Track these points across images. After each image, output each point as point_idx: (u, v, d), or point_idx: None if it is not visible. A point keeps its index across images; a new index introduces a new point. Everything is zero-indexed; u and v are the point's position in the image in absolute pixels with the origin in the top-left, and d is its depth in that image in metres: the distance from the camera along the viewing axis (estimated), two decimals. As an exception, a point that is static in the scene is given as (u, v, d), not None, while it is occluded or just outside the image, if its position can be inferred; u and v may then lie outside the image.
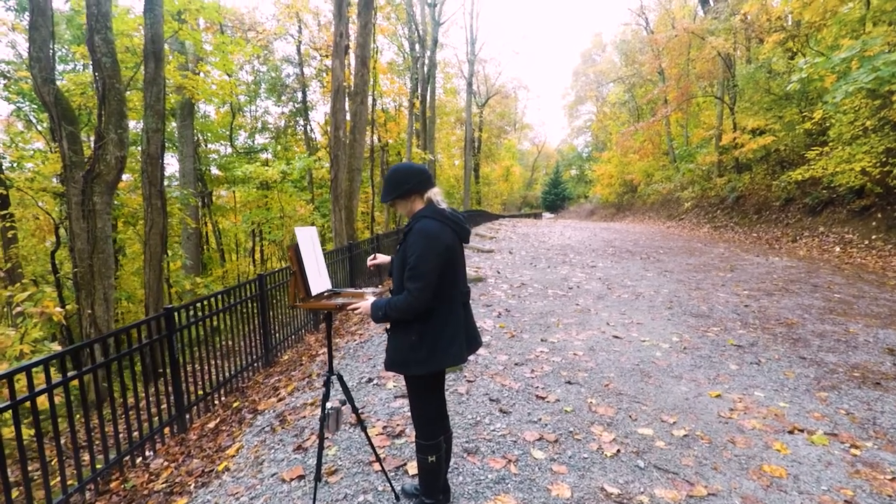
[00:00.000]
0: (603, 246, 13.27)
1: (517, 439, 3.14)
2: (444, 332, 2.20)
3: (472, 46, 31.20)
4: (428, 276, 2.10)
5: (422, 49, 24.41)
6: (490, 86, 42.95)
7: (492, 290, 7.50)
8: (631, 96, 35.83)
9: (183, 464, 4.02)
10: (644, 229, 20.55)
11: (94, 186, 7.69)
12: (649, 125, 26.30)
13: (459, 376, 4.14)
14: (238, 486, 3.01)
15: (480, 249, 12.22)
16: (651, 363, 4.45)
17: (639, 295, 7.23)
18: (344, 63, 14.00)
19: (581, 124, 53.52)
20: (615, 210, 36.75)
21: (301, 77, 24.79)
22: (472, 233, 17.73)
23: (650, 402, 3.67)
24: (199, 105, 21.84)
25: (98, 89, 7.63)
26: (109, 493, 3.79)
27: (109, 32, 7.69)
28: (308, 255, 2.41)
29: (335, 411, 2.47)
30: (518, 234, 17.13)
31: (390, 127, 27.29)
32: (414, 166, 2.29)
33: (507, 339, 5.16)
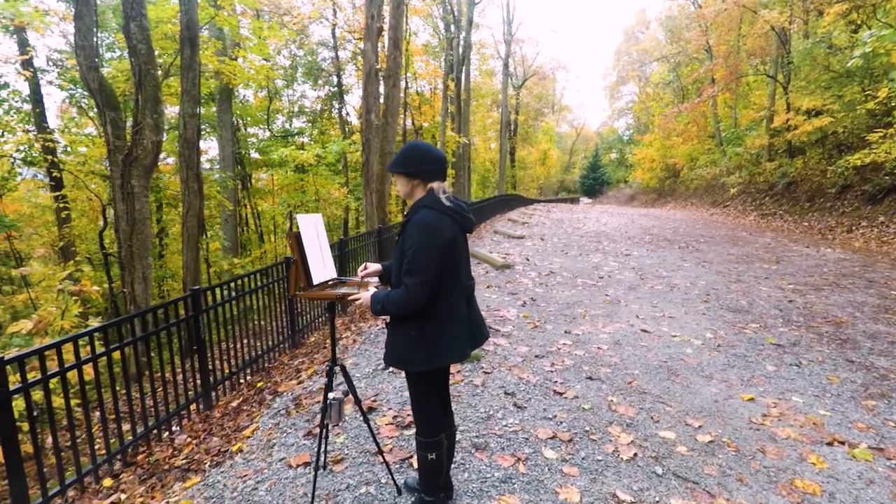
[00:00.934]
0: (640, 233, 12.83)
1: (529, 436, 3.02)
2: (444, 329, 2.09)
3: (508, 26, 30.49)
4: (426, 270, 1.99)
5: (457, 30, 23.99)
6: (527, 67, 42.01)
7: (519, 278, 7.34)
8: (675, 76, 34.34)
9: (203, 441, 4.10)
10: (685, 216, 19.78)
11: (132, 170, 7.91)
12: (694, 106, 25.14)
13: (476, 367, 4.05)
14: (247, 468, 3.03)
15: (511, 235, 12.01)
16: (680, 361, 4.24)
17: (673, 286, 6.93)
18: (376, 45, 13.88)
19: (622, 106, 51.81)
20: (656, 196, 35.56)
21: (336, 60, 24.83)
22: (505, 217, 17.48)
23: (675, 402, 3.48)
24: (239, 90, 22.23)
25: (135, 75, 7.79)
26: (135, 465, 3.91)
27: (144, 20, 7.81)
28: (311, 243, 2.34)
29: (337, 402, 2.42)
30: (552, 219, 16.78)
31: (425, 110, 27.14)
32: (432, 151, 2.14)
33: (529, 330, 5.02)
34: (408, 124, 26.13)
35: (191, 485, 3.10)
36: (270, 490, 2.68)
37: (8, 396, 3.11)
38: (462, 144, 24.69)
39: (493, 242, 11.37)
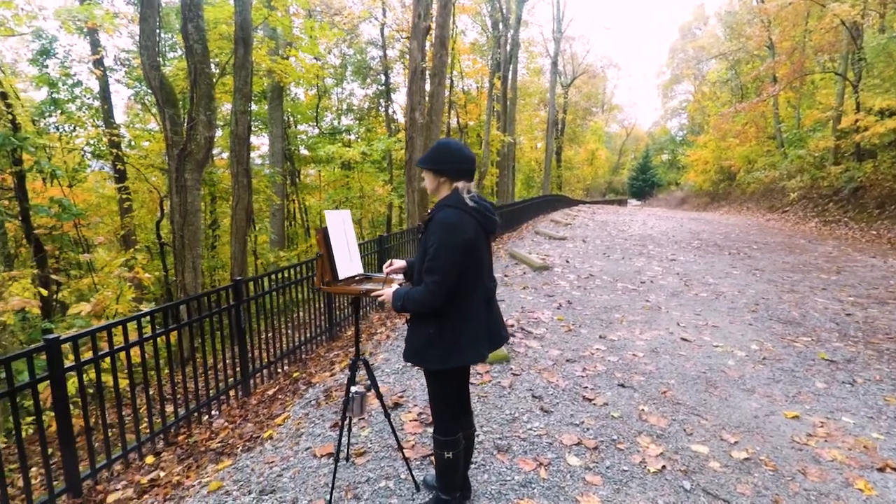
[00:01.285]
0: (688, 238, 12.37)
1: (553, 441, 2.97)
2: (463, 329, 2.08)
3: (558, 23, 30.00)
4: (446, 269, 1.99)
5: (504, 28, 23.81)
6: (577, 65, 41.22)
7: (556, 280, 7.22)
8: (734, 74, 32.82)
9: (239, 426, 4.25)
10: (739, 221, 18.91)
11: (185, 164, 8.28)
12: (753, 106, 23.96)
13: (505, 368, 4.01)
14: (275, 455, 3.12)
15: (552, 236, 11.83)
16: (720, 372, 4.05)
17: (720, 294, 6.64)
18: (422, 44, 13.96)
19: (676, 105, 50.02)
20: (709, 199, 34.16)
21: (384, 59, 25.16)
22: (548, 218, 17.24)
23: (711, 416, 3.33)
24: (290, 88, 22.90)
25: (190, 74, 8.14)
26: (175, 445, 4.10)
27: (201, 21, 8.15)
28: (338, 239, 2.38)
29: (359, 396, 2.45)
30: (596, 221, 16.42)
31: (470, 109, 27.08)
32: (462, 150, 2.14)
33: (562, 333, 4.93)
34: (453, 123, 26.16)
35: (222, 467, 3.22)
36: (294, 478, 2.74)
37: (62, 374, 3.32)
38: (507, 143, 24.52)
39: (534, 243, 11.24)
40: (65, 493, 3.32)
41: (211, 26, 13.81)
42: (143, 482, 3.49)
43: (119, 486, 3.52)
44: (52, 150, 14.03)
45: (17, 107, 11.10)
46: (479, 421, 3.21)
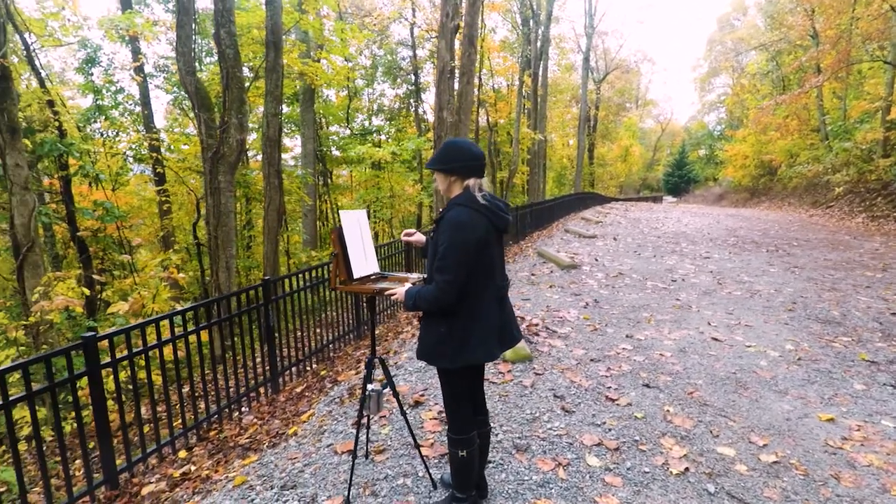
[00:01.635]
0: (724, 235, 11.99)
1: (574, 441, 2.93)
2: (473, 328, 2.08)
3: (590, 18, 29.50)
4: (456, 268, 1.99)
5: (535, 24, 23.58)
6: (609, 60, 40.46)
7: (584, 279, 7.12)
8: (775, 65, 31.60)
9: (266, 423, 4.36)
10: (779, 217, 18.21)
11: (218, 167, 8.52)
12: (795, 98, 22.98)
13: (528, 367, 3.98)
14: (298, 451, 3.19)
15: (582, 234, 11.66)
16: (751, 373, 3.92)
17: (755, 293, 6.41)
18: (451, 44, 13.97)
19: (714, 99, 48.52)
20: (748, 195, 33.01)
21: (414, 59, 25.30)
22: (579, 216, 17.00)
23: (740, 417, 3.23)
24: (322, 90, 23.28)
25: (223, 78, 8.37)
26: (207, 441, 4.23)
27: (232, 26, 8.38)
28: (353, 239, 2.41)
29: (376, 394, 2.48)
30: (628, 218, 16.10)
31: (500, 107, 26.94)
32: (470, 148, 2.15)
33: (588, 333, 4.86)
34: (482, 121, 26.10)
35: (248, 462, 3.31)
36: (315, 474, 2.80)
37: (99, 370, 3.47)
38: (537, 141, 24.27)
39: (563, 241, 11.11)
40: (103, 484, 3.47)
41: (244, 31, 14.17)
42: (175, 475, 3.62)
43: (153, 479, 3.66)
44: (96, 154, 14.69)
45: (64, 114, 11.65)
46: (498, 420, 3.20)
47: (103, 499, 3.48)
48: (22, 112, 10.58)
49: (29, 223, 7.61)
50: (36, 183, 11.35)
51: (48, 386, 3.17)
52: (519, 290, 6.72)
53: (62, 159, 10.91)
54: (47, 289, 6.67)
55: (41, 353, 3.23)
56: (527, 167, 26.60)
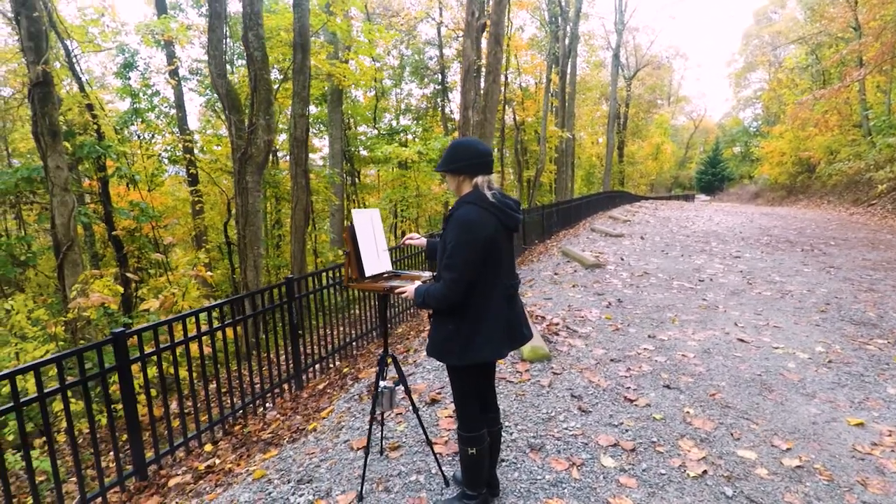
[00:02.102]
0: (757, 234, 11.63)
1: (589, 442, 2.90)
2: (481, 327, 2.09)
3: (620, 14, 29.00)
4: (464, 266, 2.00)
5: (563, 21, 23.31)
6: (640, 56, 39.69)
7: (608, 278, 7.02)
8: (815, 59, 30.45)
9: (289, 418, 4.46)
10: (817, 216, 17.56)
11: (246, 167, 8.72)
12: (835, 92, 22.11)
13: (546, 367, 3.96)
14: (316, 447, 3.25)
15: (608, 233, 11.49)
16: (778, 375, 3.80)
17: (786, 293, 6.20)
18: (477, 42, 13.95)
19: (749, 95, 47.03)
20: (785, 193, 31.91)
21: (441, 58, 25.35)
22: (606, 215, 16.75)
23: (763, 420, 3.14)
24: (351, 90, 23.57)
25: (251, 80, 8.56)
26: (232, 435, 4.35)
27: (260, 29, 8.56)
28: (365, 237, 2.45)
29: (389, 391, 2.51)
30: (658, 217, 15.78)
31: (528, 105, 26.74)
32: (476, 146, 2.16)
33: (609, 332, 4.79)
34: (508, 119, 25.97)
35: (269, 457, 3.40)
36: (330, 469, 2.85)
37: (128, 365, 3.60)
38: (565, 139, 24.02)
39: (588, 240, 10.97)
40: (133, 475, 3.61)
41: (273, 34, 14.46)
42: (200, 468, 3.74)
43: (180, 471, 3.78)
44: (133, 156, 15.23)
45: (102, 117, 12.10)
46: (513, 419, 3.19)
47: (133, 489, 3.62)
48: (63, 116, 11.03)
49: (69, 223, 7.93)
50: (76, 184, 11.84)
51: (80, 380, 3.30)
52: (541, 289, 6.67)
53: (100, 161, 11.34)
54: (84, 286, 6.94)
55: (73, 348, 3.37)
56: (554, 166, 26.34)
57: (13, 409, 2.80)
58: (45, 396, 3.03)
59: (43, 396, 3.01)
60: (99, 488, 3.35)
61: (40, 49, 7.53)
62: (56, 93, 8.26)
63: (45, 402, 3.06)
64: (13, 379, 2.82)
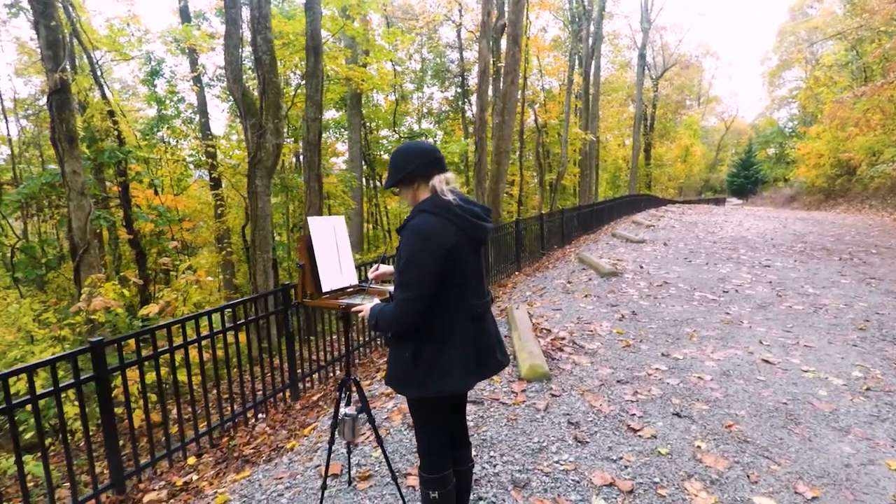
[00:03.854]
0: (790, 240, 10.98)
1: (581, 479, 2.58)
2: (443, 353, 1.80)
3: (646, 13, 28.28)
4: (418, 284, 1.72)
5: (586, 21, 22.80)
6: (668, 56, 38.68)
7: (624, 288, 6.61)
8: (855, 55, 29.09)
9: (276, 432, 4.24)
10: (857, 221, 16.62)
11: (256, 171, 8.63)
12: (877, 89, 20.93)
13: (544, 388, 3.63)
14: (287, 470, 3.01)
15: (629, 239, 11.02)
16: (806, 404, 3.39)
17: (820, 307, 5.71)
18: (491, 43, 13.64)
19: (784, 94, 45.30)
20: (823, 197, 30.53)
21: (461, 61, 25.14)
22: (630, 219, 16.19)
23: (786, 459, 2.75)
24: (372, 94, 23.56)
25: (259, 84, 8.47)
26: (217, 448, 4.16)
27: (269, 32, 8.46)
28: (324, 248, 2.19)
29: (351, 419, 2.25)
30: (684, 222, 15.15)
31: (550, 107, 26.28)
32: (418, 146, 1.90)
33: (619, 349, 4.43)
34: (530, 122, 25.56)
35: (240, 478, 3.17)
36: (292, 499, 2.60)
37: (106, 374, 3.44)
38: (588, 142, 23.46)
39: (608, 247, 10.52)
40: (109, 489, 3.45)
41: (291, 39, 14.48)
42: (178, 484, 3.55)
43: (158, 485, 3.60)
44: (159, 161, 15.46)
45: (123, 123, 12.26)
46: (500, 448, 2.89)
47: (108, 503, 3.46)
48: (87, 122, 11.19)
49: (85, 226, 7.95)
50: (100, 189, 12.01)
51: (53, 390, 3.17)
52: (552, 298, 6.32)
53: (121, 166, 11.47)
54: (92, 290, 6.91)
55: (48, 357, 3.23)
56: (578, 169, 25.78)
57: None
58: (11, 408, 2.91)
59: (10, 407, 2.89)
60: (71, 501, 3.20)
61: (58, 57, 7.58)
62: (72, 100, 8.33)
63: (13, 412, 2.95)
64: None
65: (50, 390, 3.16)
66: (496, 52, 16.48)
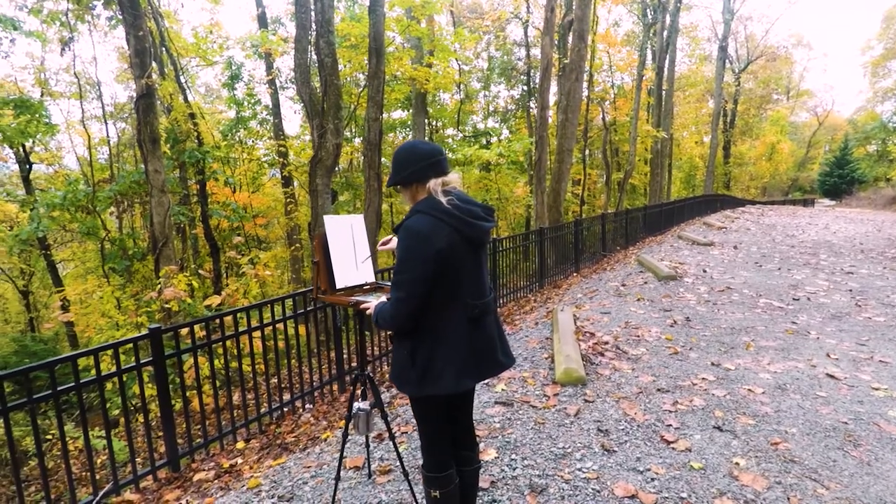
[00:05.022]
0: (883, 246, 9.95)
1: (602, 489, 2.48)
2: (437, 354, 1.81)
3: (728, 3, 26.57)
4: (410, 284, 1.74)
5: (661, 13, 21.78)
6: (752, 47, 36.13)
7: (682, 292, 6.28)
8: (977, 40, 25.80)
9: (316, 424, 4.41)
10: (972, 226, 14.77)
11: (317, 170, 9.00)
12: None
13: (578, 392, 3.53)
14: (316, 460, 3.12)
15: (696, 241, 10.43)
16: (871, 425, 3.07)
17: (906, 320, 5.14)
18: (554, 40, 13.37)
19: (890, 85, 40.97)
20: (933, 198, 27.39)
21: (528, 59, 24.84)
22: (701, 220, 15.32)
23: (837, 484, 2.51)
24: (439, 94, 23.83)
25: (322, 85, 8.81)
26: (265, 434, 4.39)
27: (332, 36, 8.78)
28: (340, 246, 2.26)
29: (364, 413, 2.31)
30: (761, 224, 14.13)
31: (620, 104, 25.39)
32: (420, 147, 1.89)
33: (665, 356, 4.21)
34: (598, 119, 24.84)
35: (276, 464, 3.33)
36: (314, 489, 2.70)
37: (164, 360, 3.73)
38: (660, 139, 22.44)
39: (672, 249, 10.02)
40: (165, 466, 3.75)
41: (358, 41, 14.96)
42: (224, 466, 3.78)
43: (209, 466, 3.86)
44: (236, 161, 16.51)
45: (203, 125, 13.17)
46: (523, 451, 2.85)
47: (164, 479, 3.75)
48: (172, 124, 12.13)
49: (164, 221, 8.62)
50: (181, 186, 12.98)
51: (116, 371, 3.47)
52: (601, 301, 6.12)
53: (199, 165, 12.34)
54: (166, 280, 7.49)
55: (111, 342, 3.54)
56: (647, 167, 24.73)
57: (28, 402, 2.93)
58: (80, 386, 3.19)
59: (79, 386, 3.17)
60: (132, 475, 3.49)
61: (145, 64, 8.26)
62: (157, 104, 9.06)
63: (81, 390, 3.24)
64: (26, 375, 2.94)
65: (112, 372, 3.46)
66: (562, 48, 16.14)
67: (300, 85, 9.89)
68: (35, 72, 17.45)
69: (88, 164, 15.11)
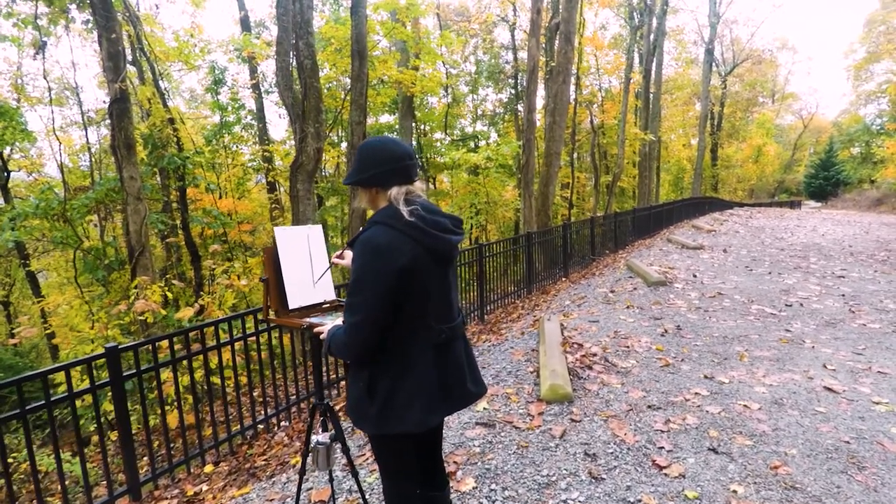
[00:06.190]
0: (871, 248, 9.88)
1: (589, 525, 2.27)
2: (400, 387, 1.57)
3: (714, 6, 26.71)
4: (366, 307, 1.51)
5: (648, 17, 21.79)
6: (738, 51, 36.40)
7: (672, 299, 6.10)
8: (957, 43, 26.15)
9: (289, 445, 4.16)
10: (958, 227, 14.84)
11: (297, 175, 8.73)
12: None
13: (564, 411, 3.31)
14: (279, 492, 2.88)
15: (686, 245, 10.30)
16: (874, 444, 2.88)
17: (902, 326, 5.00)
18: (541, 42, 13.25)
19: (873, 88, 41.47)
20: (917, 199, 27.68)
21: (515, 62, 24.75)
22: (689, 224, 15.23)
23: (842, 513, 2.31)
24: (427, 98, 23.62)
25: (301, 88, 8.57)
26: (235, 456, 4.13)
27: (311, 37, 8.54)
28: (293, 261, 2.02)
29: (324, 447, 2.06)
30: (749, 227, 14.06)
31: (608, 107, 25.38)
32: (389, 147, 1.64)
33: (655, 369, 4.01)
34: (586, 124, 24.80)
35: (239, 494, 3.08)
36: (273, 525, 2.45)
37: (121, 381, 3.46)
38: (648, 142, 22.41)
39: (661, 253, 9.87)
40: (125, 494, 3.47)
41: (342, 43, 14.73)
42: (189, 493, 3.52)
43: (173, 493, 3.59)
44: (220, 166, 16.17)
45: (182, 130, 12.85)
46: (504, 480, 2.62)
47: (122, 510, 3.48)
48: (150, 130, 11.80)
49: (141, 230, 8.30)
50: (164, 193, 12.64)
51: (67, 395, 3.20)
52: (590, 309, 5.92)
53: (179, 171, 12.01)
54: (139, 291, 7.18)
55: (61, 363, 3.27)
56: (636, 170, 24.71)
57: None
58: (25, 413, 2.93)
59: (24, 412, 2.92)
60: (86, 504, 3.23)
61: (118, 68, 7.96)
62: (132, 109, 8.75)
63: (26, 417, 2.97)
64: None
65: (64, 395, 3.20)
66: (549, 51, 16.01)
67: (282, 89, 9.63)
68: (12, 77, 17.02)
69: (67, 171, 14.71)
